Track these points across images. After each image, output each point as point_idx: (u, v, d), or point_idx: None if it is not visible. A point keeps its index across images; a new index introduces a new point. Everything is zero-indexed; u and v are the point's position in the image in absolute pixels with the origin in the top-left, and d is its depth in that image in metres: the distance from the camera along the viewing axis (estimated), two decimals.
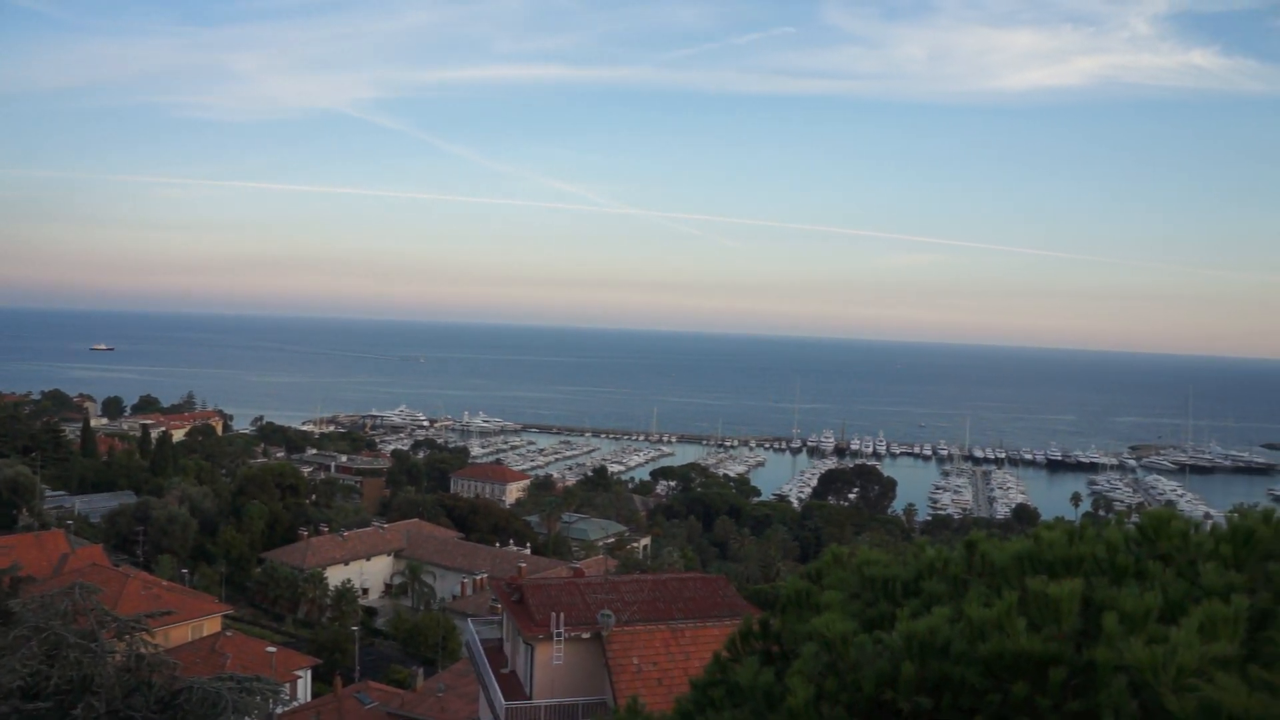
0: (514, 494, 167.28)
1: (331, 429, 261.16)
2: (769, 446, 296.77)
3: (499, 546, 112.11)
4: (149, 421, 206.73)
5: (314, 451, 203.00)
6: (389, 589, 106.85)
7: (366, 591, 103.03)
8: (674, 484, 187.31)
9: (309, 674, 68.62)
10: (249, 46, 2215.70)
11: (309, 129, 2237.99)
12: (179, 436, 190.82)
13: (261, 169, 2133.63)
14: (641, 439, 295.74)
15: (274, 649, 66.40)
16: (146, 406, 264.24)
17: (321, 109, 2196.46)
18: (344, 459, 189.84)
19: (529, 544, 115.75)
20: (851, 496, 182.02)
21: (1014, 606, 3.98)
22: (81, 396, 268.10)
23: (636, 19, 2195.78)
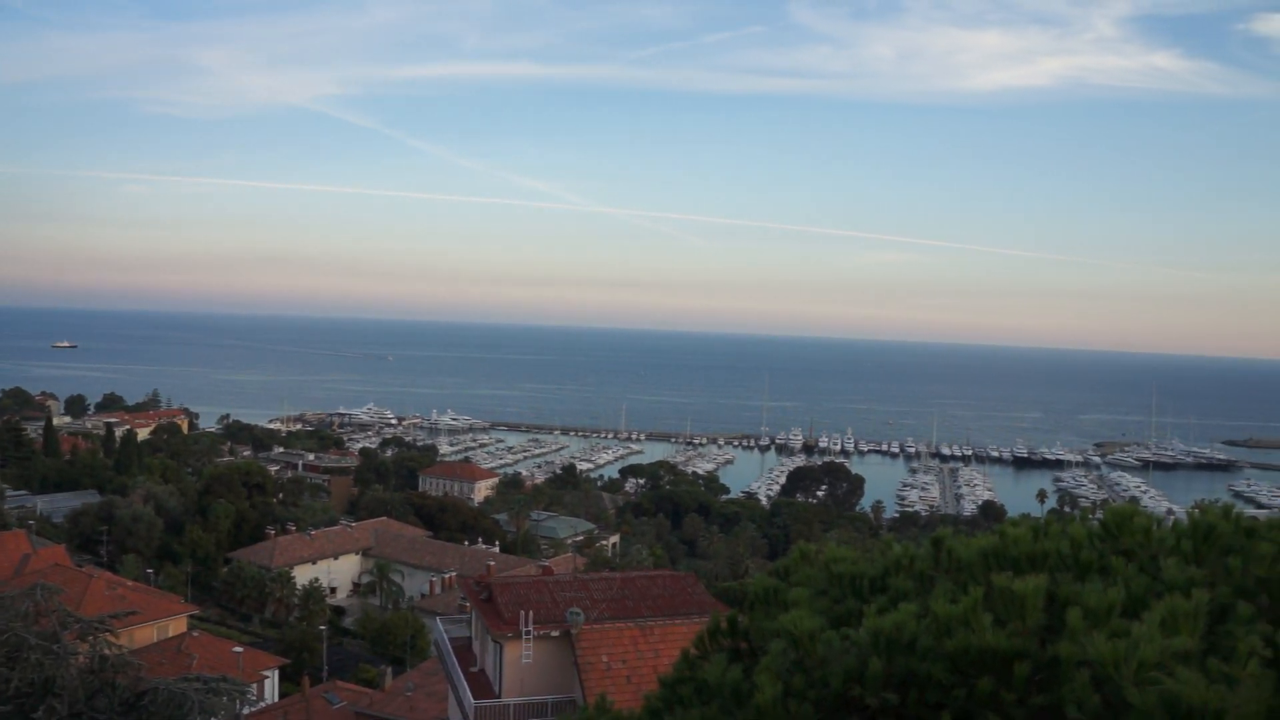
0: (482, 492, 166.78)
1: (299, 427, 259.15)
2: (738, 444, 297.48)
3: (467, 545, 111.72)
4: (113, 420, 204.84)
5: (281, 450, 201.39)
6: (357, 588, 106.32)
7: (334, 590, 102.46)
8: (643, 482, 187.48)
9: (276, 674, 68.11)
10: (216, 42, 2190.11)
11: (277, 126, 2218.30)
12: (144, 435, 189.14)
13: (230, 166, 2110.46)
14: (610, 437, 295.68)
15: (241, 649, 65.83)
16: (110, 405, 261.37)
17: (290, 105, 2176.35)
18: (311, 457, 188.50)
19: (497, 542, 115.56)
20: (820, 494, 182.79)
21: (979, 602, 4.02)
22: (44, 395, 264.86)
23: (606, 17, 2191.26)
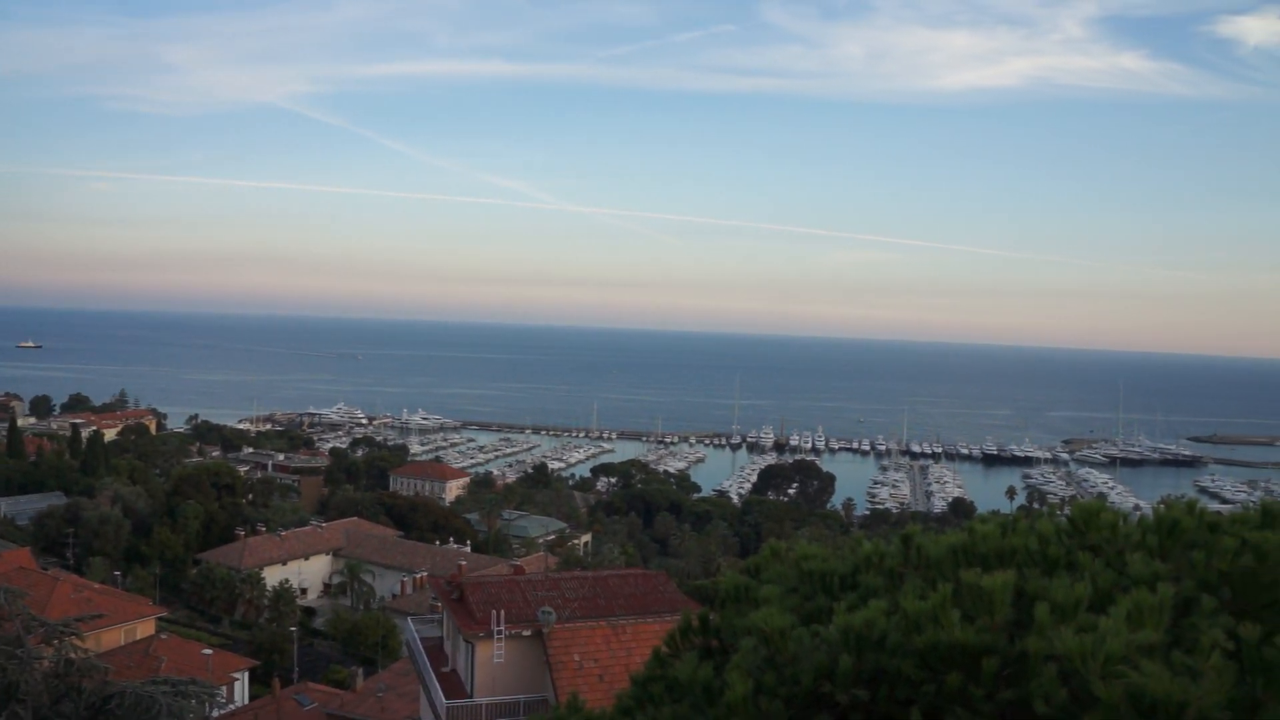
0: (454, 491, 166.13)
1: (268, 427, 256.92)
2: (709, 443, 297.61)
3: (439, 545, 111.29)
4: (79, 420, 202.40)
5: (250, 450, 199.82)
6: (328, 588, 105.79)
7: (305, 591, 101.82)
8: (614, 480, 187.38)
9: (246, 676, 67.72)
10: (182, 39, 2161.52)
11: (246, 123, 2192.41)
12: (111, 436, 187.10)
13: (198, 163, 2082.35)
14: (582, 436, 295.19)
15: (210, 651, 65.31)
16: (76, 405, 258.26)
17: (258, 103, 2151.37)
18: (281, 457, 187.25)
19: (469, 542, 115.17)
20: (791, 492, 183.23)
21: (948, 599, 4.04)
22: (8, 395, 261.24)
23: (577, 15, 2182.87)
